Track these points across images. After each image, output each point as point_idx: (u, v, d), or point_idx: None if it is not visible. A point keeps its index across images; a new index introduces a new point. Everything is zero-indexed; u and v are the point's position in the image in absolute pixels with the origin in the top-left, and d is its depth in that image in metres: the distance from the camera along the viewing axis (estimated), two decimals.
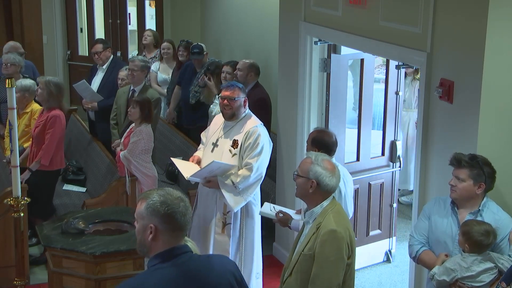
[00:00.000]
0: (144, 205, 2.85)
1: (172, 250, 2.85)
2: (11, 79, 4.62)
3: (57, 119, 6.46)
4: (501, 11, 4.13)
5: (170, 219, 2.83)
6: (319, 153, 3.97)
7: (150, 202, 2.84)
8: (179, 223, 2.85)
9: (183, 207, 2.86)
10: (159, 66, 8.74)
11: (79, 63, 11.16)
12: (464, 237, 3.92)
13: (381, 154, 6.69)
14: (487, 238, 3.87)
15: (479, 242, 3.87)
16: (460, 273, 3.92)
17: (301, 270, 3.76)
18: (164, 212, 2.82)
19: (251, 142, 5.46)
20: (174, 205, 2.84)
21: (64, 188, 7.36)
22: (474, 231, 3.88)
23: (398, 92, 6.57)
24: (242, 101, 5.55)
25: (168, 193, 2.88)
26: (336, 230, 3.69)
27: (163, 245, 2.85)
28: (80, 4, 11.27)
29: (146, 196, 2.89)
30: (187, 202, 2.91)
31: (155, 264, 2.85)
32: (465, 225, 3.96)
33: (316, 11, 5.95)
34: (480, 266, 3.90)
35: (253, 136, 5.47)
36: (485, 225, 3.92)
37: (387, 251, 6.74)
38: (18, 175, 4.73)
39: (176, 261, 2.84)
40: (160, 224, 2.83)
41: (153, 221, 2.83)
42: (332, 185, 3.81)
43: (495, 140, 4.31)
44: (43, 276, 6.05)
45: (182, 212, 2.85)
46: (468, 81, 4.33)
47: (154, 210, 2.83)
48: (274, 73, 7.43)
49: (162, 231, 2.83)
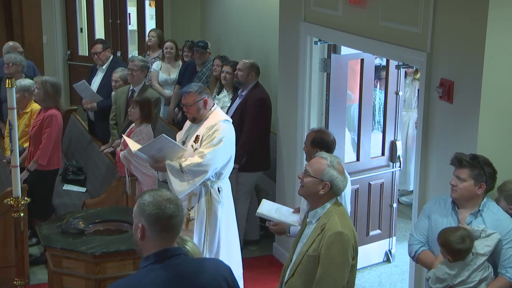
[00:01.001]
0: (136, 204, 2.86)
1: (165, 251, 2.83)
2: (11, 79, 4.62)
3: (53, 118, 6.46)
4: (501, 11, 4.13)
5: (155, 220, 2.80)
6: (332, 155, 3.97)
7: (141, 201, 2.84)
8: (166, 225, 2.81)
9: (171, 209, 2.81)
10: (160, 66, 8.74)
11: (79, 63, 11.16)
12: (444, 248, 3.93)
13: (381, 154, 6.69)
14: (464, 244, 3.86)
15: (458, 251, 3.87)
16: (450, 281, 3.93)
17: (305, 271, 3.76)
18: (149, 212, 2.80)
19: (209, 134, 5.44)
20: (162, 206, 2.81)
21: (64, 188, 7.36)
22: (451, 241, 3.87)
23: (398, 92, 6.57)
24: (200, 104, 5.52)
25: (159, 194, 2.85)
26: (343, 232, 3.70)
27: (153, 245, 2.83)
28: (80, 4, 11.27)
29: (141, 195, 2.89)
30: (178, 204, 2.86)
31: (147, 265, 2.83)
32: (440, 236, 3.95)
33: (316, 11, 5.95)
34: (468, 269, 3.90)
35: (212, 129, 5.45)
36: (459, 230, 3.91)
37: (387, 251, 6.74)
38: (18, 175, 4.73)
39: (168, 263, 2.83)
40: (146, 224, 2.82)
41: (141, 220, 2.83)
42: (343, 188, 3.84)
43: (495, 140, 4.31)
44: (43, 276, 6.06)
45: (169, 214, 2.81)
46: (468, 81, 4.33)
47: (142, 210, 2.82)
48: (274, 73, 7.43)
49: (149, 231, 2.81)
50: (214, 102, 7.08)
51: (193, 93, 5.53)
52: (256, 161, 6.81)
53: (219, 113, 5.65)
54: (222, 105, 7.21)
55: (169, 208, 2.81)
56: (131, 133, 6.30)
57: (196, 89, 5.57)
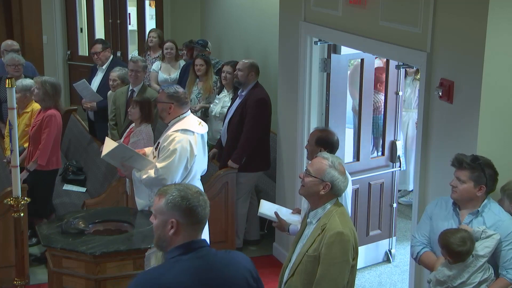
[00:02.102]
0: (164, 201, 2.90)
1: (192, 243, 2.91)
2: (11, 79, 4.62)
3: (52, 118, 6.46)
4: (501, 11, 4.13)
5: (191, 213, 2.89)
6: (334, 155, 3.97)
7: (170, 197, 2.90)
8: (200, 217, 2.92)
9: (203, 200, 2.94)
10: (160, 66, 8.74)
11: (79, 63, 11.17)
12: (444, 250, 3.93)
13: (381, 154, 6.69)
14: (464, 245, 3.86)
15: (459, 253, 3.87)
16: (451, 283, 3.94)
17: (305, 271, 3.76)
18: (185, 206, 2.88)
19: (165, 145, 5.31)
20: (194, 199, 2.90)
21: (64, 188, 7.36)
22: (451, 243, 3.87)
23: (398, 92, 6.57)
24: (164, 106, 5.42)
25: (187, 187, 2.95)
26: (343, 232, 3.70)
27: (183, 238, 2.90)
28: (80, 4, 11.28)
29: (165, 191, 2.93)
30: (205, 196, 2.97)
31: (174, 256, 2.89)
32: (441, 238, 3.95)
33: (316, 11, 5.95)
34: (468, 271, 3.90)
35: (168, 140, 5.31)
36: (460, 232, 3.91)
37: (387, 251, 6.74)
38: (18, 175, 4.72)
39: (196, 254, 2.90)
40: (181, 218, 2.89)
41: (174, 215, 2.89)
42: (343, 189, 3.84)
43: (495, 140, 4.31)
44: (43, 276, 6.06)
45: (202, 206, 2.92)
46: (468, 81, 4.33)
47: (175, 205, 2.88)
48: (274, 73, 7.43)
49: (183, 225, 2.89)
50: (214, 101, 7.11)
51: (164, 93, 5.45)
52: (256, 161, 6.81)
53: (186, 122, 5.41)
54: (222, 105, 7.23)
55: (202, 200, 2.93)
56: (131, 133, 6.30)
57: (171, 91, 5.43)
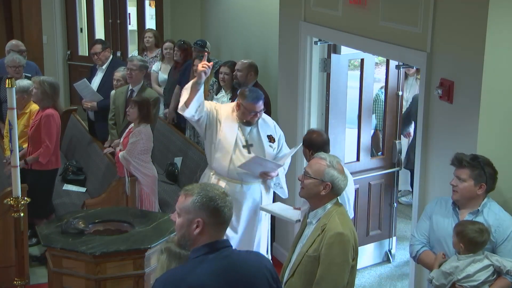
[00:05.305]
0: (191, 200, 2.92)
1: (216, 243, 2.93)
2: (11, 79, 4.62)
3: (50, 118, 6.46)
4: (501, 11, 4.13)
5: (218, 214, 2.92)
6: (331, 155, 3.97)
7: (198, 197, 2.92)
8: (225, 217, 2.95)
9: (229, 201, 2.97)
10: (160, 66, 8.74)
11: (79, 63, 11.16)
12: (458, 236, 3.93)
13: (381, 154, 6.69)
14: (481, 235, 3.87)
15: (473, 239, 3.87)
16: (456, 275, 3.93)
17: (305, 271, 3.76)
18: (213, 207, 2.91)
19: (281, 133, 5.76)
20: (221, 200, 2.94)
21: (64, 188, 7.36)
22: (468, 229, 3.89)
23: (398, 92, 6.57)
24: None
25: (213, 188, 2.99)
26: (343, 233, 3.70)
27: (208, 238, 2.93)
28: (80, 4, 11.27)
29: (191, 190, 2.96)
30: (230, 197, 3.01)
31: (199, 255, 2.92)
32: (458, 225, 3.97)
33: (316, 11, 5.95)
34: (476, 266, 3.91)
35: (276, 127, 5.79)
36: (479, 224, 3.93)
37: (387, 251, 6.74)
38: (18, 175, 4.72)
39: (219, 254, 2.93)
40: (208, 218, 2.91)
41: (201, 215, 2.91)
42: (343, 188, 3.84)
43: (495, 140, 4.31)
44: (43, 276, 6.06)
45: (228, 207, 2.96)
46: (468, 81, 4.33)
47: (203, 204, 2.91)
48: (274, 73, 7.43)
49: (209, 225, 2.92)
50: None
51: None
52: None
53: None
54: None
55: (228, 201, 2.97)
56: (130, 133, 6.30)
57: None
